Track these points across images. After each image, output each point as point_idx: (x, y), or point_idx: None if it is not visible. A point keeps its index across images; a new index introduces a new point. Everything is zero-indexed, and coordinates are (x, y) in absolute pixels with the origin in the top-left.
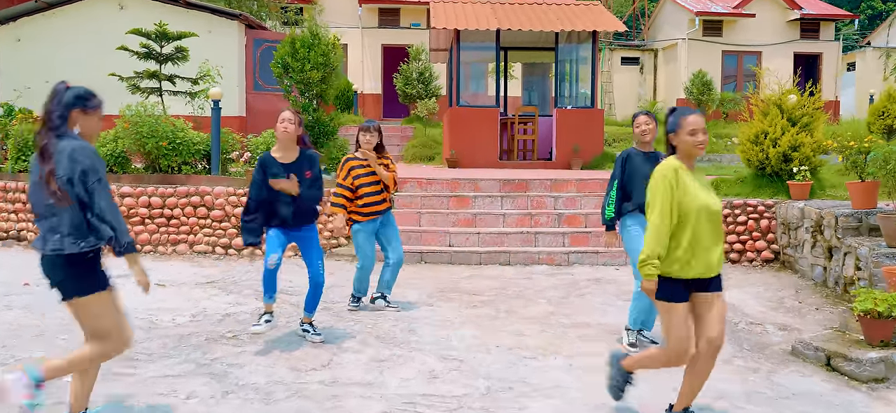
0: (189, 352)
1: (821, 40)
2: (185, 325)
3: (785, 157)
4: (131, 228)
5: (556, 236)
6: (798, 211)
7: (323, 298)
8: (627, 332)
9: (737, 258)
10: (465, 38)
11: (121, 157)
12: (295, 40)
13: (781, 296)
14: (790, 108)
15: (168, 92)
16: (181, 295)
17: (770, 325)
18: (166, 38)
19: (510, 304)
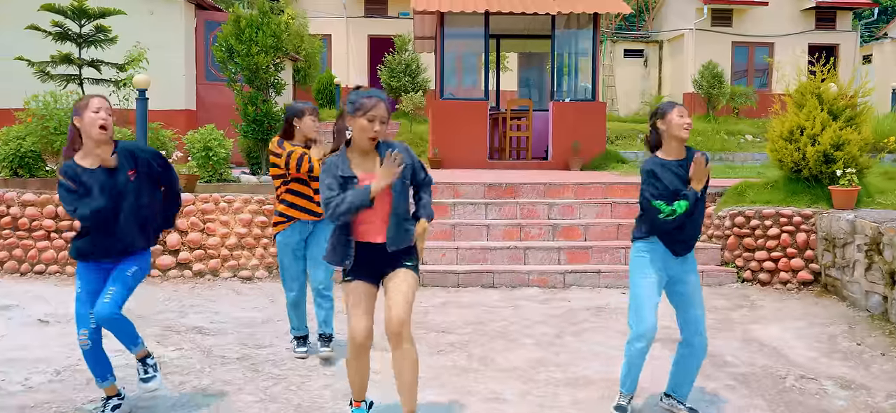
0: None
1: (838, 30)
2: (38, 388)
3: (826, 157)
4: (33, 244)
5: (549, 252)
6: (846, 224)
7: (248, 339)
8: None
9: (767, 279)
10: (450, 23)
11: (28, 158)
12: (240, 18)
13: (832, 333)
14: (831, 99)
15: (90, 80)
16: (62, 337)
17: (827, 380)
18: (86, 16)
19: (488, 348)
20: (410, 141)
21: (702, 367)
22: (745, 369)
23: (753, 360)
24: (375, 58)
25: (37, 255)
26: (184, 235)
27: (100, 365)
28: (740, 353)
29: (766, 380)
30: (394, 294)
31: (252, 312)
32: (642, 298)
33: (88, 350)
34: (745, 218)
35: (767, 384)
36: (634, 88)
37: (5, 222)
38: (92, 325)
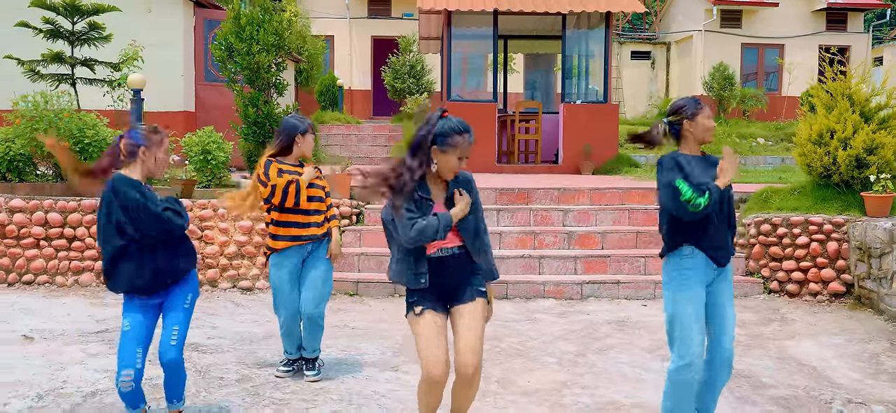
0: None
1: (849, 32)
2: None
3: (858, 161)
4: (21, 253)
5: (565, 261)
6: (884, 233)
7: (248, 357)
8: None
9: (796, 291)
10: (457, 23)
11: (17, 162)
12: (240, 16)
13: (873, 350)
14: (862, 100)
15: (83, 80)
16: (46, 356)
17: (878, 405)
18: (78, 12)
19: (507, 367)
20: None
21: (739, 388)
22: (787, 392)
23: (793, 381)
24: (379, 59)
25: (25, 265)
26: None
27: (136, 397)
28: (777, 374)
29: (811, 405)
30: (467, 333)
31: (252, 326)
32: (688, 321)
33: (129, 392)
34: (772, 225)
35: (812, 410)
36: (642, 90)
37: None
38: (138, 365)
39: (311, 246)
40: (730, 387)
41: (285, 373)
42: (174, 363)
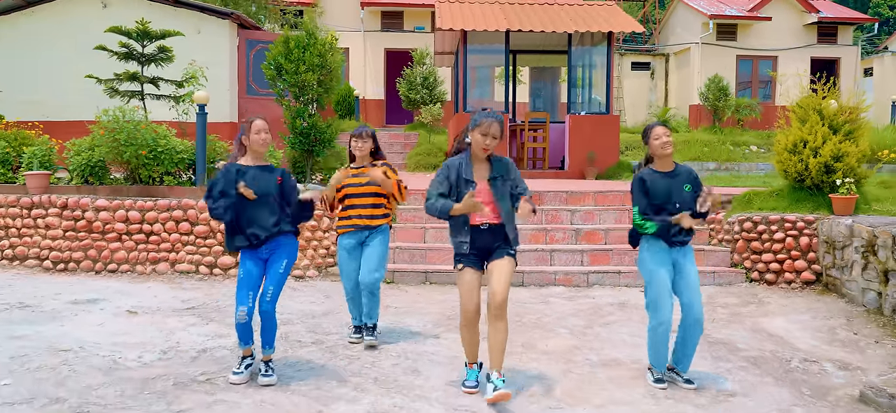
0: (151, 402)
1: (839, 44)
2: (152, 364)
3: (827, 167)
4: (106, 245)
5: (573, 254)
6: (845, 228)
7: (315, 328)
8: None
9: (773, 279)
10: (472, 40)
11: (97, 167)
12: (288, 39)
13: (832, 325)
14: (831, 114)
15: (151, 95)
16: (154, 325)
17: (828, 362)
18: (148, 37)
19: (528, 336)
20: (428, 151)
21: (718, 351)
22: (755, 353)
23: (762, 346)
24: (391, 70)
25: (109, 255)
26: None
27: (246, 333)
28: (750, 341)
29: (774, 362)
30: (497, 276)
31: (311, 305)
32: (659, 290)
33: (242, 324)
34: (753, 223)
35: (775, 365)
36: (641, 100)
37: (81, 225)
38: (249, 304)
39: (368, 231)
40: (709, 350)
41: (355, 339)
42: (267, 314)
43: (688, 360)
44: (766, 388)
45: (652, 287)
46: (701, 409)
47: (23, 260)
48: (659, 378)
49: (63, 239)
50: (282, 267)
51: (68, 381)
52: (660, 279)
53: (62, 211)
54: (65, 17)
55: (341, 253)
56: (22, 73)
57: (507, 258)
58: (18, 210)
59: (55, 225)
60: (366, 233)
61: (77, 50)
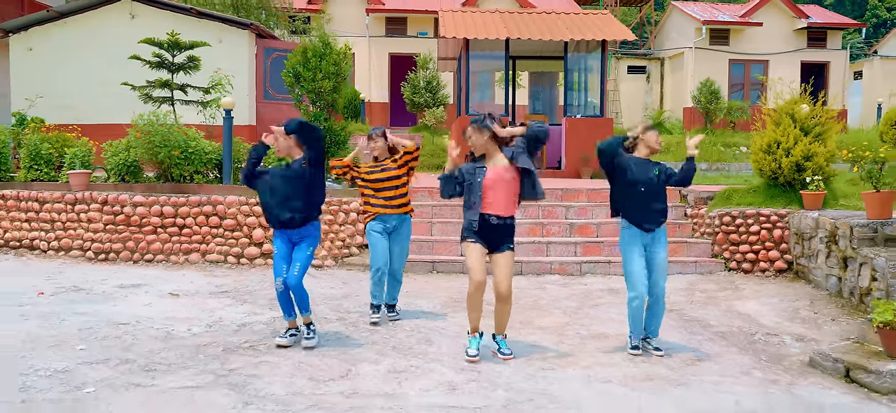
0: (207, 362)
1: (828, 49)
2: (201, 334)
3: (798, 166)
4: (143, 237)
5: (567, 246)
6: (812, 221)
7: (337, 308)
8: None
9: (749, 268)
10: (474, 48)
11: (133, 166)
12: (307, 50)
13: (796, 306)
14: (802, 118)
15: (180, 101)
16: (196, 305)
17: (787, 335)
18: (178, 48)
19: (525, 316)
20: (432, 151)
21: (692, 327)
22: (725, 329)
23: (732, 323)
24: (395, 74)
25: (146, 246)
26: (266, 230)
27: (287, 304)
28: (722, 319)
29: (740, 336)
30: (501, 269)
31: (331, 290)
32: (632, 268)
33: (281, 293)
34: (731, 217)
35: (740, 338)
36: (637, 102)
37: (120, 220)
38: (284, 274)
39: (395, 218)
40: (685, 326)
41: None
42: (295, 286)
43: (655, 330)
44: (730, 356)
45: (626, 265)
46: (673, 371)
47: (68, 250)
48: (635, 345)
49: (104, 231)
50: (308, 250)
51: (133, 347)
52: (633, 258)
53: (103, 206)
54: (95, 28)
55: (373, 236)
56: (56, 80)
57: (508, 252)
58: (63, 205)
59: (96, 219)
60: (393, 221)
61: (107, 58)
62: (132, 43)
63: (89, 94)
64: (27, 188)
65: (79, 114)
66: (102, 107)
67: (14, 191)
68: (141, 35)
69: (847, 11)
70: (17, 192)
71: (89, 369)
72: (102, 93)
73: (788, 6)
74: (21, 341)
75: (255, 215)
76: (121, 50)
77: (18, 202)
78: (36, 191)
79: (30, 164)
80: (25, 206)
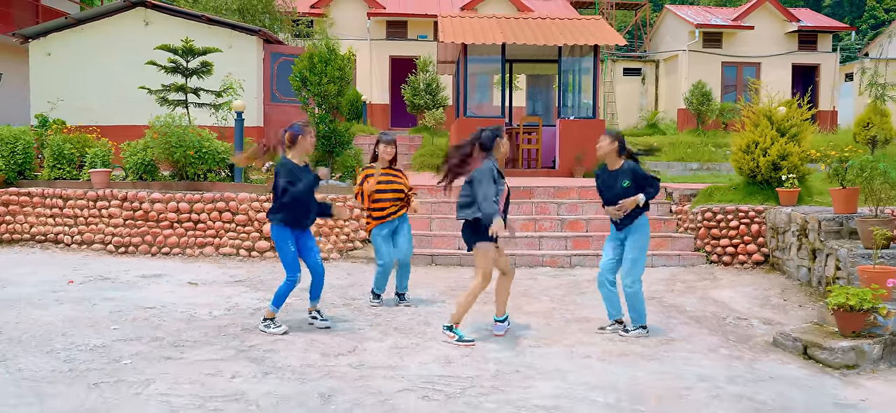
0: (228, 340)
1: (819, 51)
2: (221, 317)
3: (774, 165)
4: (160, 232)
5: (558, 240)
6: (785, 216)
7: (343, 295)
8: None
9: (729, 261)
10: (472, 52)
11: (150, 166)
12: (313, 55)
13: (768, 294)
14: (779, 120)
15: (193, 104)
16: (213, 292)
17: (755, 319)
18: (192, 54)
19: (516, 301)
20: (432, 152)
21: (669, 312)
22: (698, 314)
23: (706, 309)
24: (396, 76)
25: (163, 240)
26: None
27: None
28: (697, 305)
29: (712, 319)
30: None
31: (337, 280)
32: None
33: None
34: (713, 213)
35: (712, 322)
36: (633, 104)
37: (139, 215)
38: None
39: (397, 220)
40: (663, 311)
41: (375, 304)
42: (323, 274)
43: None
44: (701, 336)
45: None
46: (647, 348)
47: (90, 244)
48: (602, 327)
49: (124, 226)
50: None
51: (162, 327)
52: (606, 249)
53: (122, 203)
54: (111, 35)
55: (378, 240)
56: (74, 84)
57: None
58: (85, 202)
59: (117, 214)
60: (396, 222)
61: (123, 63)
62: (146, 48)
63: (106, 97)
64: (51, 186)
65: (96, 116)
66: (119, 109)
67: (39, 189)
68: (155, 41)
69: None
70: (41, 190)
71: (124, 345)
72: (118, 96)
73: (780, 10)
74: (61, 322)
75: (264, 211)
76: (136, 55)
77: (43, 199)
78: (59, 188)
79: (53, 163)
80: (50, 203)
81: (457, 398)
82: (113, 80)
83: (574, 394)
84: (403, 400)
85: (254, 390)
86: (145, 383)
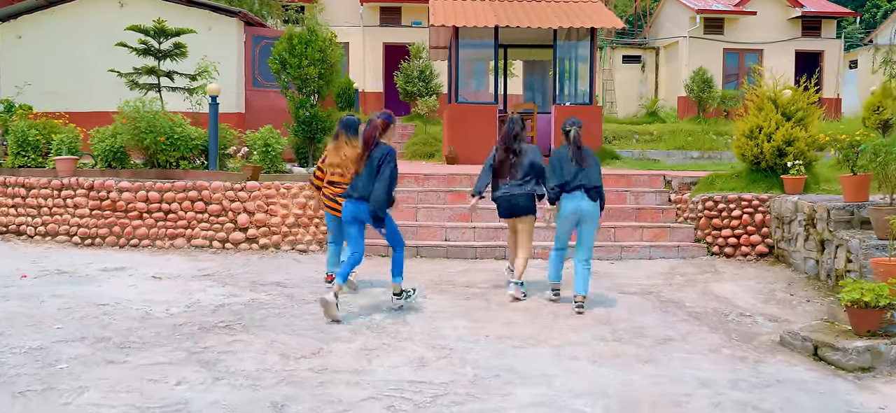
0: (181, 340)
1: (822, 38)
2: (178, 315)
3: (779, 151)
4: (129, 223)
5: (550, 231)
6: (791, 205)
7: (315, 291)
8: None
9: (731, 253)
10: (463, 35)
11: (119, 153)
12: (292, 37)
13: (773, 288)
14: (784, 103)
15: (166, 88)
16: (177, 287)
17: (760, 316)
18: (165, 35)
19: (503, 296)
20: (425, 140)
21: (667, 308)
22: (699, 310)
23: (707, 304)
24: (390, 64)
25: (132, 231)
26: (251, 216)
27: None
28: (698, 301)
29: (713, 316)
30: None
31: (314, 274)
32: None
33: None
34: (714, 202)
35: (713, 318)
36: (632, 92)
37: (106, 204)
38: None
39: None
40: (660, 307)
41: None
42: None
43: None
44: (701, 335)
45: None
46: (642, 349)
47: (54, 236)
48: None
49: (90, 217)
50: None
51: (110, 326)
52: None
53: (89, 192)
54: (83, 16)
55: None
56: (45, 67)
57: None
58: (50, 191)
59: (83, 204)
60: None
61: (95, 46)
62: (121, 31)
63: (77, 81)
64: (14, 174)
65: (68, 101)
66: (90, 94)
67: (1, 177)
68: (130, 23)
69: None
70: (3, 178)
71: (64, 347)
72: (92, 80)
73: None
74: (1, 320)
75: (239, 201)
76: (109, 38)
77: (5, 188)
78: (23, 177)
79: (17, 150)
80: (12, 192)
81: (426, 408)
82: (86, 64)
83: (558, 402)
84: (366, 410)
85: (199, 400)
86: (78, 391)
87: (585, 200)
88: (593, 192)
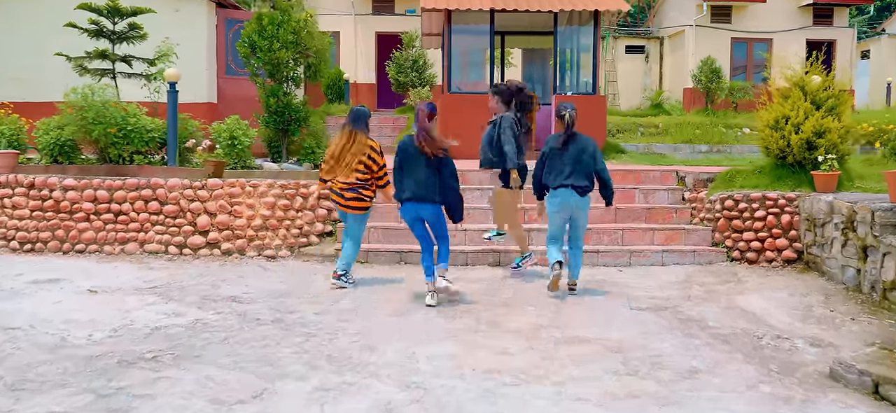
0: (92, 378)
1: (835, 26)
2: (101, 341)
3: (809, 144)
4: (74, 225)
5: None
6: (826, 205)
7: (275, 308)
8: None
9: (754, 258)
10: (457, 20)
11: (66, 146)
12: (262, 17)
13: (809, 303)
14: (814, 90)
15: (122, 74)
16: (111, 304)
17: (800, 339)
18: (119, 14)
19: (495, 313)
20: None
21: (689, 328)
22: (726, 331)
23: (735, 323)
24: (382, 54)
25: (77, 235)
26: (213, 217)
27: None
28: (723, 319)
29: (744, 338)
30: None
31: (278, 285)
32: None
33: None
34: (734, 201)
35: (745, 342)
36: (636, 83)
37: (48, 205)
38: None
39: None
40: (680, 327)
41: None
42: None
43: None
44: (732, 365)
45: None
46: (663, 385)
47: None
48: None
49: (30, 219)
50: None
51: (9, 359)
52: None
53: (29, 191)
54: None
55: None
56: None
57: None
58: None
59: (22, 205)
60: None
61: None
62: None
63: (36, 67)
64: None
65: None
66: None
67: None
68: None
69: None
70: None
71: None
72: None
73: None
74: None
75: (199, 201)
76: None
77: None
78: None
79: None
80: None
81: None
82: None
83: None
84: None
85: None
86: None
87: (574, 195)
88: (582, 189)
